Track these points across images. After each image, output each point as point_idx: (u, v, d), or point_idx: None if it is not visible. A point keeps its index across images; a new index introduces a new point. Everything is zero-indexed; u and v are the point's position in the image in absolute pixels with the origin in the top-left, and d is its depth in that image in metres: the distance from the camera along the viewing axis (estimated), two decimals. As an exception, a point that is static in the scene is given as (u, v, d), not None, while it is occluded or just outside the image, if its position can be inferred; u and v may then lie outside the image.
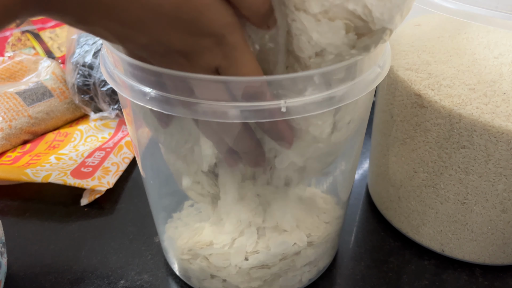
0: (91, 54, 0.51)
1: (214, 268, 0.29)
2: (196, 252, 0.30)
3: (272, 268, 0.29)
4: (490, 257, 0.34)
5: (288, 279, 0.30)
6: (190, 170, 0.27)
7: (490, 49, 0.30)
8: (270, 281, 0.30)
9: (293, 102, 0.20)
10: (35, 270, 0.35)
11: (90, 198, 0.41)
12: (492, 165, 0.29)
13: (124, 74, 0.22)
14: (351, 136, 0.26)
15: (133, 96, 0.21)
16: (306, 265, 0.30)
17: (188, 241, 0.30)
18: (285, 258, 0.29)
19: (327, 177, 0.30)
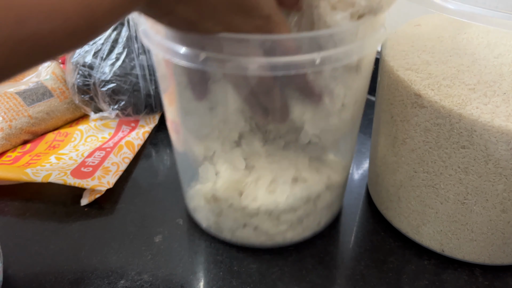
0: (91, 54, 0.51)
1: (247, 216, 0.34)
2: (231, 197, 0.34)
3: (298, 211, 0.34)
4: (490, 257, 0.34)
5: (309, 221, 0.36)
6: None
7: (490, 49, 0.30)
8: (295, 224, 0.35)
9: (324, 55, 0.25)
10: (35, 270, 0.35)
11: (90, 198, 0.41)
12: (492, 165, 0.29)
13: (173, 41, 0.26)
14: (355, 115, 0.33)
15: (186, 58, 0.25)
16: (324, 208, 0.36)
17: (227, 186, 0.34)
18: (308, 201, 0.34)
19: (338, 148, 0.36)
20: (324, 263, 0.36)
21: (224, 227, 0.36)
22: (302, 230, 0.36)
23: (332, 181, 0.35)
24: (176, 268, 0.35)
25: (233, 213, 0.34)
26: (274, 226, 0.35)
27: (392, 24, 0.35)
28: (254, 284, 0.34)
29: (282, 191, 0.33)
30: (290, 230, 0.36)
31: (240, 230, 0.36)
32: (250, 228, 0.35)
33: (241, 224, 0.35)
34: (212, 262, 0.36)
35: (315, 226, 0.37)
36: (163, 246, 0.37)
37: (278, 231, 0.35)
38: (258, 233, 0.35)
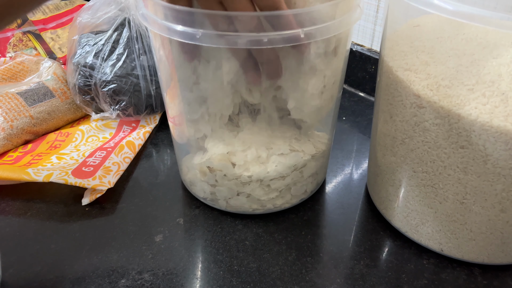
0: (92, 55, 0.52)
1: (240, 184, 0.37)
2: (225, 168, 0.36)
3: (286, 178, 0.38)
4: (489, 256, 0.35)
5: (297, 189, 0.40)
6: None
7: (488, 49, 0.30)
8: (284, 191, 0.39)
9: (308, 30, 0.29)
10: (36, 269, 0.35)
11: (91, 198, 0.42)
12: (491, 165, 0.29)
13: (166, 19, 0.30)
14: (335, 95, 0.38)
15: (184, 36, 0.29)
16: (310, 176, 0.40)
17: (220, 157, 0.36)
18: (296, 169, 0.38)
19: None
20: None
21: (219, 196, 0.39)
22: (291, 197, 0.40)
23: (316, 152, 0.39)
24: (176, 267, 0.36)
25: (227, 182, 0.38)
26: (265, 193, 0.38)
27: (391, 25, 0.35)
28: (254, 283, 0.34)
29: (272, 161, 0.37)
30: (280, 197, 0.39)
31: (234, 198, 0.39)
32: (243, 196, 0.38)
33: (234, 192, 0.38)
34: (212, 261, 0.36)
35: (302, 193, 0.41)
36: (164, 246, 0.38)
37: (269, 198, 0.39)
38: (251, 201, 0.39)
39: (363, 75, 0.60)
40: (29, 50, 0.66)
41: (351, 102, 0.59)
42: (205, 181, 0.39)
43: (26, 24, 0.67)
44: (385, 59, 0.35)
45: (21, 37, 0.66)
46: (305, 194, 0.41)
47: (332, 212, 0.41)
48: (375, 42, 0.58)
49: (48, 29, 0.68)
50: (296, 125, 0.38)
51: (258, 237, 0.38)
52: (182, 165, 0.42)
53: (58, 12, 0.70)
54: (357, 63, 0.60)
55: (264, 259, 0.36)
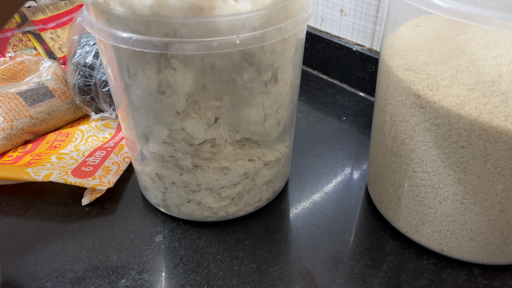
0: (92, 55, 0.52)
1: (190, 192, 0.37)
2: (172, 175, 0.36)
3: (237, 186, 0.37)
4: (489, 256, 0.35)
5: (250, 197, 0.39)
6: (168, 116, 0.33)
7: (488, 49, 0.30)
8: (236, 199, 0.38)
9: (243, 36, 0.27)
10: (36, 269, 0.35)
11: (91, 198, 0.42)
12: (491, 165, 0.29)
13: (108, 25, 0.28)
14: (290, 89, 0.36)
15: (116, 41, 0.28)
16: (264, 184, 0.39)
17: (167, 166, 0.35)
18: (247, 177, 0.37)
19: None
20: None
21: (170, 203, 0.39)
22: (244, 205, 0.39)
23: (270, 159, 0.38)
24: (176, 267, 0.36)
25: (176, 189, 0.37)
26: (216, 201, 0.37)
27: (391, 25, 0.35)
28: (254, 283, 0.34)
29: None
30: (232, 205, 0.39)
31: (185, 206, 0.38)
32: (194, 204, 0.38)
33: (185, 200, 0.38)
34: (212, 261, 0.36)
35: (257, 201, 0.40)
36: (164, 246, 0.38)
37: (220, 206, 0.38)
38: (202, 208, 0.38)
39: (363, 75, 0.60)
40: (29, 50, 0.66)
41: (351, 102, 0.59)
42: (155, 188, 0.38)
43: (26, 24, 0.67)
44: (385, 59, 0.35)
45: (21, 37, 0.66)
46: (260, 202, 0.40)
47: (332, 212, 0.41)
48: (375, 42, 0.58)
49: (48, 29, 0.68)
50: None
51: (258, 237, 0.38)
52: (136, 171, 0.41)
53: (58, 12, 0.70)
54: (357, 63, 0.60)
55: (264, 259, 0.36)
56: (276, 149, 0.38)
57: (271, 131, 0.36)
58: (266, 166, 0.38)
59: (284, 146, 0.39)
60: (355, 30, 0.59)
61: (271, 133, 0.36)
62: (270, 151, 0.38)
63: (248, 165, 0.36)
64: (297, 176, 0.46)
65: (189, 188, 0.37)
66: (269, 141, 0.37)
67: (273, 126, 0.35)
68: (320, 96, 0.60)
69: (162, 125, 0.32)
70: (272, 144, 0.38)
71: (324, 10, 0.62)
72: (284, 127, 0.38)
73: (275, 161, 0.38)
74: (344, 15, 0.60)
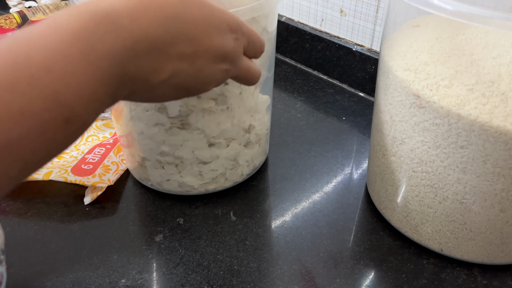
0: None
1: (169, 174, 0.40)
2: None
3: (220, 169, 0.40)
4: (489, 256, 0.35)
5: (232, 173, 0.42)
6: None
7: (488, 49, 0.30)
8: (219, 177, 0.41)
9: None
10: (37, 269, 0.35)
11: (92, 196, 0.42)
12: (490, 165, 0.29)
13: None
14: (266, 61, 0.39)
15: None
16: (246, 162, 0.42)
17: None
18: (232, 160, 0.40)
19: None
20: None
21: (152, 180, 0.42)
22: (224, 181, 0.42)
23: (249, 139, 0.41)
24: (176, 267, 0.36)
25: (158, 170, 0.40)
26: (198, 180, 0.40)
27: (391, 25, 0.35)
28: (254, 283, 0.34)
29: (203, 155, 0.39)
30: (214, 182, 0.41)
31: (166, 183, 0.41)
32: (175, 182, 0.41)
33: (164, 179, 0.40)
34: (212, 261, 0.36)
35: (238, 177, 0.43)
36: (164, 245, 0.38)
37: (202, 184, 0.41)
38: (183, 186, 0.41)
39: (363, 75, 0.60)
40: (29, 50, 0.66)
41: (351, 102, 0.59)
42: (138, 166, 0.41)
43: (26, 24, 0.67)
44: (385, 59, 0.35)
45: (21, 37, 0.66)
46: (241, 177, 0.43)
47: (332, 212, 0.41)
48: (375, 42, 0.58)
49: (48, 29, 0.68)
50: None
51: (258, 237, 0.38)
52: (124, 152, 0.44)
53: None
54: (357, 63, 0.60)
55: (264, 259, 0.36)
56: (255, 132, 0.41)
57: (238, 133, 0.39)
58: (247, 146, 0.41)
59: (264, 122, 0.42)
60: (355, 30, 0.60)
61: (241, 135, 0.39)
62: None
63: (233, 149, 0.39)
64: (297, 176, 0.46)
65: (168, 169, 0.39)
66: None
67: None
68: (320, 96, 0.60)
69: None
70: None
71: (324, 10, 0.62)
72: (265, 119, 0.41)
73: (255, 141, 0.42)
74: (344, 15, 0.60)
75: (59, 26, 0.19)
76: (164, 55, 0.22)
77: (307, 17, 0.65)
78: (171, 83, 0.23)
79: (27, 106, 0.16)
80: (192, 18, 0.23)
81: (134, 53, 0.21)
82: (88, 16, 0.19)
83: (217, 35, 0.24)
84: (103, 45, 0.19)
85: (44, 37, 0.18)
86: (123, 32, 0.20)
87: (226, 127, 0.38)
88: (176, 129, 0.36)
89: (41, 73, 0.17)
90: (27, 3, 0.79)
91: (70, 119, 0.18)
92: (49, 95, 0.17)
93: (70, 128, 0.18)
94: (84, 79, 0.18)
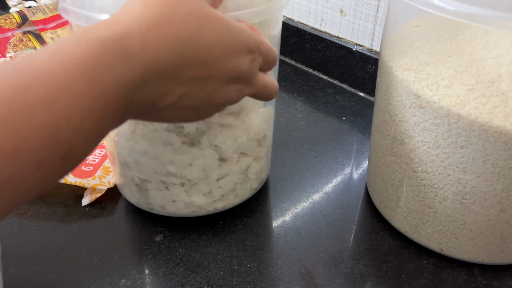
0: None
1: (174, 194, 0.37)
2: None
3: (230, 184, 0.38)
4: (489, 256, 0.35)
5: (242, 188, 0.40)
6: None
7: (488, 49, 0.30)
8: (228, 193, 0.39)
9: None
10: (36, 269, 0.35)
11: (91, 198, 0.42)
12: (491, 165, 0.29)
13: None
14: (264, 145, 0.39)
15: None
16: (255, 174, 0.41)
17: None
18: (242, 173, 0.39)
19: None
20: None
21: (154, 203, 0.39)
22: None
23: (258, 154, 0.39)
24: (176, 267, 0.36)
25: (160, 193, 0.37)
26: (207, 198, 0.38)
27: (391, 25, 0.35)
28: (254, 283, 0.34)
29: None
30: (226, 196, 0.39)
31: (169, 205, 0.38)
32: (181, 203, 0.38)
33: (169, 200, 0.38)
34: (212, 261, 0.36)
35: (248, 191, 0.41)
36: (164, 245, 0.38)
37: (211, 202, 0.39)
38: (189, 207, 0.38)
39: (363, 75, 0.60)
40: (29, 50, 0.66)
41: (351, 102, 0.59)
42: (137, 191, 0.38)
43: (26, 24, 0.67)
44: (385, 59, 0.35)
45: (21, 37, 0.66)
46: (251, 191, 0.42)
47: (332, 212, 0.41)
48: (375, 42, 0.58)
49: (48, 29, 0.68)
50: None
51: (258, 237, 0.38)
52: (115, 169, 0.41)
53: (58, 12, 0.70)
54: (357, 63, 0.60)
55: (264, 259, 0.36)
56: (263, 145, 0.40)
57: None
58: (256, 160, 0.39)
59: (268, 138, 0.41)
60: (355, 30, 0.60)
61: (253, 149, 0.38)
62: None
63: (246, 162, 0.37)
64: (297, 176, 0.46)
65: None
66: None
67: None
68: (320, 96, 0.60)
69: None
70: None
71: (324, 10, 0.62)
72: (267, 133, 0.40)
73: (263, 154, 0.40)
74: (344, 15, 0.60)
75: (65, 55, 0.17)
76: (175, 79, 0.21)
77: (307, 17, 0.65)
78: (179, 105, 0.22)
79: (22, 144, 0.15)
80: (208, 40, 0.21)
81: (143, 81, 0.19)
82: (97, 44, 0.18)
83: (232, 58, 0.22)
84: (110, 76, 0.18)
85: (48, 68, 0.17)
86: (133, 61, 0.19)
87: (242, 141, 0.36)
88: (186, 147, 0.34)
89: (40, 108, 0.16)
90: (27, 3, 0.79)
91: (68, 155, 0.17)
92: (47, 131, 0.16)
93: (66, 163, 0.17)
94: (86, 114, 0.17)
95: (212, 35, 0.21)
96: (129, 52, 0.18)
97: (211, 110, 0.24)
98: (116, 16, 0.20)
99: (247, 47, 0.23)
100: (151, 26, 0.19)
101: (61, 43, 0.18)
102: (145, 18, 0.20)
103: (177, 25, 0.20)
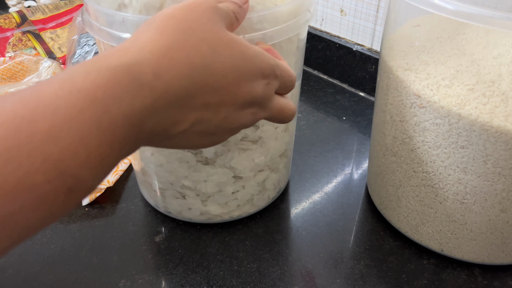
0: (91, 55, 0.51)
1: (190, 203, 0.38)
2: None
3: (246, 196, 0.38)
4: (489, 256, 0.35)
5: (259, 198, 0.40)
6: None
7: (489, 49, 0.30)
8: (245, 203, 0.39)
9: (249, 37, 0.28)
10: (36, 269, 0.35)
11: (91, 197, 0.42)
12: (491, 165, 0.29)
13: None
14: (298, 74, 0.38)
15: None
16: (272, 185, 0.40)
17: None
18: (259, 185, 0.39)
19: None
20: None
21: (171, 209, 0.39)
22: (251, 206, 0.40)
23: (276, 165, 0.39)
24: (176, 267, 0.36)
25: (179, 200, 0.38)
26: (223, 208, 0.38)
27: (391, 25, 0.35)
28: (254, 283, 0.34)
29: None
30: (242, 206, 0.39)
31: (186, 212, 0.39)
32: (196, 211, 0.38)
33: (185, 208, 0.38)
34: (212, 261, 0.36)
35: (265, 201, 0.41)
36: (164, 246, 0.38)
37: (228, 211, 0.39)
38: (205, 214, 0.39)
39: (363, 75, 0.60)
40: (29, 50, 0.66)
41: (351, 102, 0.59)
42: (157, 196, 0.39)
43: (25, 24, 0.67)
44: (385, 59, 0.35)
45: (20, 37, 0.66)
46: (268, 200, 0.42)
47: (332, 212, 0.41)
48: (375, 42, 0.58)
49: (48, 29, 0.68)
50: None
51: (258, 237, 0.38)
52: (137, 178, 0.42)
53: (58, 12, 0.70)
54: (357, 63, 0.60)
55: (264, 259, 0.36)
56: (281, 155, 0.39)
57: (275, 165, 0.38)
58: (273, 171, 0.38)
59: (288, 142, 0.40)
60: (355, 30, 0.59)
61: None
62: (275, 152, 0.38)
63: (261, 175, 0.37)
64: (297, 176, 0.46)
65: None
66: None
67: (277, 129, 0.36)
68: (320, 96, 0.60)
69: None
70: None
71: (324, 10, 0.62)
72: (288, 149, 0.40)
73: (283, 165, 0.40)
74: (344, 15, 0.60)
75: (73, 85, 0.17)
76: (187, 107, 0.20)
77: (307, 17, 0.65)
78: (193, 132, 0.21)
79: (24, 179, 0.15)
80: (222, 67, 0.21)
81: (153, 110, 0.19)
82: (107, 74, 0.17)
83: (246, 83, 0.22)
84: (120, 107, 0.17)
85: (55, 99, 0.16)
86: (144, 90, 0.18)
87: (260, 160, 0.36)
88: (201, 164, 0.34)
89: (45, 141, 0.15)
90: (27, 3, 0.79)
91: (73, 189, 0.16)
92: (51, 165, 0.15)
93: (72, 197, 0.16)
94: (93, 147, 0.16)
95: (226, 61, 0.21)
96: (139, 81, 0.18)
97: (225, 135, 0.24)
98: (128, 43, 0.20)
99: (261, 71, 0.22)
100: (164, 54, 0.19)
101: (72, 72, 0.17)
102: (157, 46, 0.19)
103: (189, 52, 0.20)
